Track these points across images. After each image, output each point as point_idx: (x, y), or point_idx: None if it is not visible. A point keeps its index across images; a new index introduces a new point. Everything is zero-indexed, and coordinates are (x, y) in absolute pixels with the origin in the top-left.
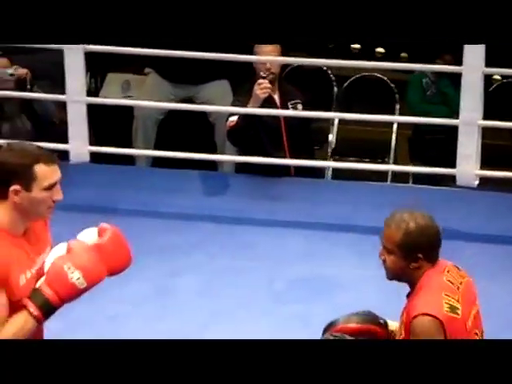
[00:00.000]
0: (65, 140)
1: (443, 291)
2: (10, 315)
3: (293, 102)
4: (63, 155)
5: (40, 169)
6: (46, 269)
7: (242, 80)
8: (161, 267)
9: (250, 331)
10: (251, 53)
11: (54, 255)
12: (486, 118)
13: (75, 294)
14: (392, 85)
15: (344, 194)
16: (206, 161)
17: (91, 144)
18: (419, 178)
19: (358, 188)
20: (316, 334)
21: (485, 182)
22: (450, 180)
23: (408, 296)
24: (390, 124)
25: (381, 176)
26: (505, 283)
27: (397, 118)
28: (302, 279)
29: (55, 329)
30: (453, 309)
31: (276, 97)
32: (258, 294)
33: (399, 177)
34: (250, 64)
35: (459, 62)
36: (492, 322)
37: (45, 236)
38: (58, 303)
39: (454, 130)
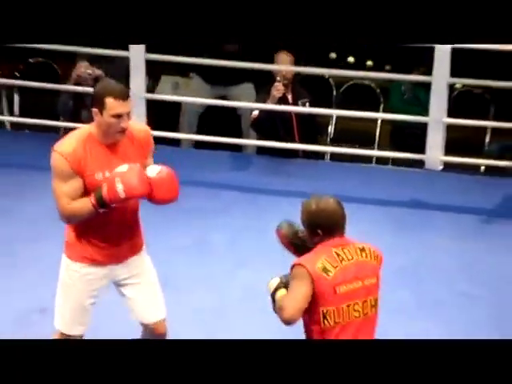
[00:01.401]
0: None
1: (324, 256)
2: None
3: (302, 100)
4: None
5: (109, 101)
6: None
7: (263, 83)
8: (193, 226)
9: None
10: (272, 62)
11: (119, 169)
12: (449, 116)
13: (117, 199)
14: (378, 90)
15: (339, 173)
16: (233, 144)
17: None
18: (397, 162)
19: (350, 168)
20: None
21: (447, 167)
22: (420, 164)
23: None
24: (376, 120)
25: (368, 159)
26: (465, 243)
27: (381, 115)
28: None
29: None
30: (325, 270)
31: (289, 96)
32: (276, 247)
33: (382, 160)
34: (269, 71)
35: (430, 73)
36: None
37: (136, 158)
38: (107, 201)
39: (424, 125)
